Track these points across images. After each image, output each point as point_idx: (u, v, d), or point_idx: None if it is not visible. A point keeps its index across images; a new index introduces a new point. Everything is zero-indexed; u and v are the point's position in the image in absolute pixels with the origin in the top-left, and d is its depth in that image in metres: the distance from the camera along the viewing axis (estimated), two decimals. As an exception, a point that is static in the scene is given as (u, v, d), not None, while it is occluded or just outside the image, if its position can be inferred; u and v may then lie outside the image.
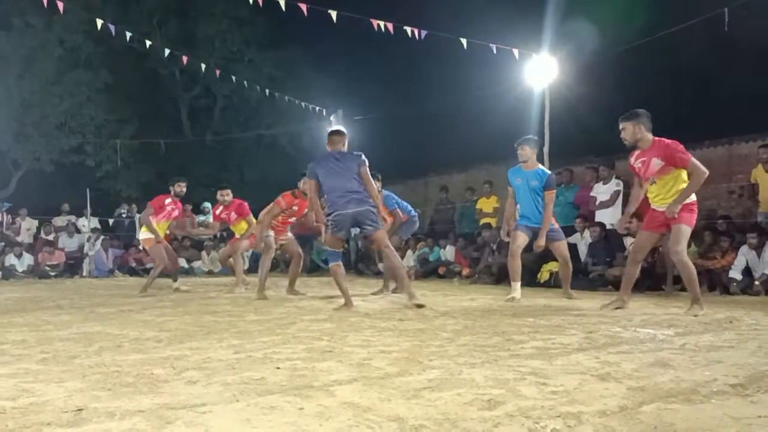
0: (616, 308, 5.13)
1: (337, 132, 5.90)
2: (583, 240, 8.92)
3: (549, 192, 6.34)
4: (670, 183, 4.95)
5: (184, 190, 7.89)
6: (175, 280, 8.17)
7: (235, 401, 2.12)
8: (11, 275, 11.98)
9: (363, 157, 5.63)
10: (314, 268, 13.83)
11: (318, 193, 5.81)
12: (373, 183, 5.62)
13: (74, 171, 19.89)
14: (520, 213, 6.43)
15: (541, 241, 6.28)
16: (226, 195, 7.98)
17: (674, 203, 4.84)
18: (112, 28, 11.10)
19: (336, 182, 5.53)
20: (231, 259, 8.44)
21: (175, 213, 7.91)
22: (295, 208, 7.06)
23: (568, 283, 6.64)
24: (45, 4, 9.69)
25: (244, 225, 8.06)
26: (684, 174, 4.91)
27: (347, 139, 5.87)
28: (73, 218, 14.37)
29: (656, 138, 5.01)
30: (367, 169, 5.57)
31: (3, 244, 12.72)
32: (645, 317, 4.70)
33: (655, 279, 7.59)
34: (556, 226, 6.49)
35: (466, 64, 13.78)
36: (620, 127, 5.09)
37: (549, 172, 6.47)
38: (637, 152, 5.13)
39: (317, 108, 15.68)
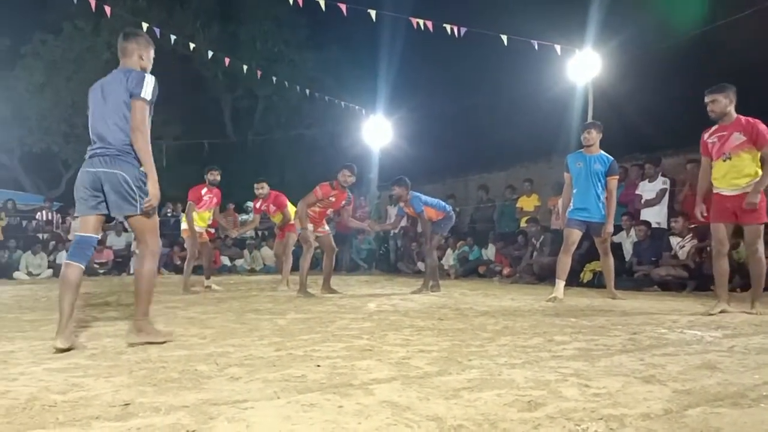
0: (722, 312, 4.82)
1: (127, 35, 3.52)
2: (629, 239, 8.75)
3: (612, 177, 6.25)
4: (743, 163, 4.81)
5: (218, 177, 7.97)
6: (208, 278, 8.29)
7: (276, 398, 2.14)
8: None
9: (145, 79, 3.31)
10: (354, 267, 13.93)
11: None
12: (146, 126, 3.30)
13: (121, 171, 20.42)
14: (575, 203, 6.29)
15: (610, 227, 6.26)
16: (261, 188, 8.12)
17: (753, 193, 4.74)
18: (156, 31, 11.36)
19: (98, 122, 3.36)
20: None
21: (215, 201, 8.02)
22: (332, 199, 6.99)
23: (612, 280, 6.51)
24: (93, 8, 9.97)
25: (281, 216, 8.18)
26: (757, 158, 4.79)
27: (148, 51, 3.54)
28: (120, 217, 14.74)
29: (740, 116, 4.89)
30: (145, 103, 3.29)
31: (54, 242, 13.14)
32: (692, 318, 4.59)
33: (703, 279, 7.39)
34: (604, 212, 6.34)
35: (507, 61, 13.66)
36: (709, 99, 4.92)
37: (612, 158, 6.32)
38: (714, 127, 5.00)
39: (356, 107, 15.75)
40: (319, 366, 2.71)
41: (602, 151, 6.32)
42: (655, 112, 13.66)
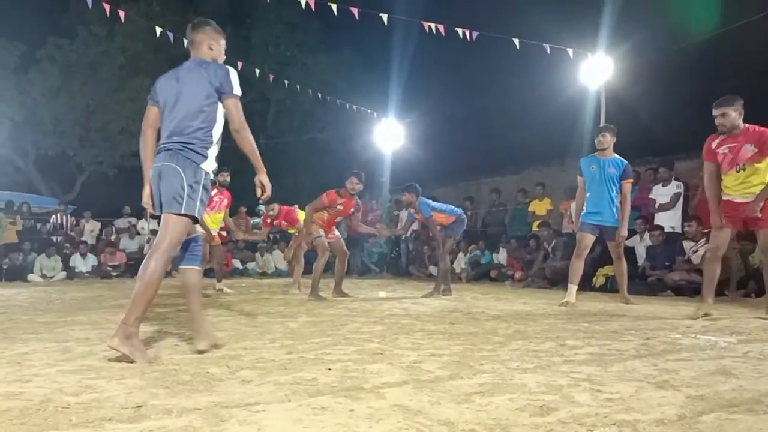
0: (704, 315, 4.82)
1: (195, 26, 3.45)
2: (642, 243, 8.69)
3: (627, 181, 6.22)
4: (758, 172, 4.79)
5: (228, 179, 7.96)
6: (219, 280, 8.32)
7: (287, 401, 2.15)
8: (75, 275, 12.47)
9: (230, 74, 3.25)
10: (365, 271, 13.92)
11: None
12: (242, 120, 3.34)
13: (135, 174, 20.50)
14: (589, 207, 6.26)
15: (624, 231, 6.23)
16: (272, 209, 8.19)
17: (756, 201, 4.72)
18: (170, 35, 11.42)
19: (169, 115, 3.21)
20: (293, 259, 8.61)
21: (225, 202, 8.02)
22: (340, 207, 6.99)
23: (625, 285, 6.47)
24: (107, 13, 10.06)
25: (295, 229, 8.22)
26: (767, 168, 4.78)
27: (218, 40, 3.48)
28: (134, 220, 14.83)
29: (746, 124, 4.85)
30: (238, 100, 3.29)
31: (68, 245, 13.25)
32: (706, 323, 4.55)
33: (718, 284, 7.31)
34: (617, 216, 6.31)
35: (519, 64, 13.63)
36: (719, 112, 4.85)
37: (626, 161, 6.29)
38: (722, 138, 4.93)
39: (368, 110, 15.76)
40: (330, 369, 2.71)
41: (616, 155, 6.29)
42: (667, 115, 13.57)
